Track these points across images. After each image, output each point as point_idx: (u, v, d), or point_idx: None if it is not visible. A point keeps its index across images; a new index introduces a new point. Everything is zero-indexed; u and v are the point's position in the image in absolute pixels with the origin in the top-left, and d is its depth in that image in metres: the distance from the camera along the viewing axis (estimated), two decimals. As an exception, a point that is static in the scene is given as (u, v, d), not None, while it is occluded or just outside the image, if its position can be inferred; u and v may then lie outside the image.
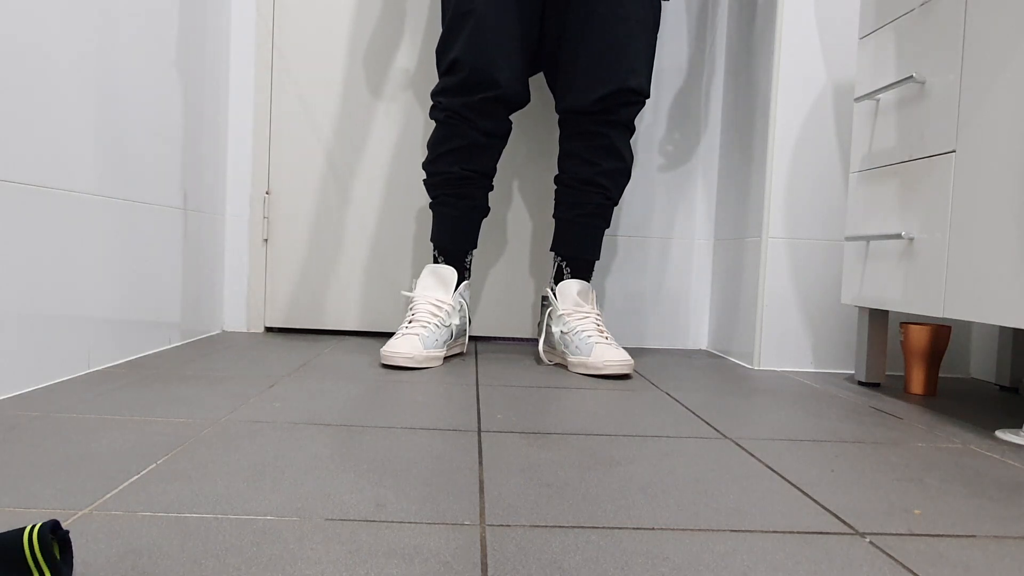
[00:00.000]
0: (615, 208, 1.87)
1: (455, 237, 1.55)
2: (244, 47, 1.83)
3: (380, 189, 1.86)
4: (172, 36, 1.48)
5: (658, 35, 1.51)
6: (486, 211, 1.58)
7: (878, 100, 1.35)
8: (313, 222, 1.86)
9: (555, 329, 1.50)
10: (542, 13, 1.51)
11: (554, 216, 1.59)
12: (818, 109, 1.57)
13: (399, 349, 1.38)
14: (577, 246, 1.56)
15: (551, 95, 1.65)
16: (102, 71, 1.23)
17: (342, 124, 1.85)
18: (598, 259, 1.59)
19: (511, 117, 1.61)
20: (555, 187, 1.58)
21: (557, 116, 1.53)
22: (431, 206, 1.57)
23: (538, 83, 1.76)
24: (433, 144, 1.53)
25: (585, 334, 1.44)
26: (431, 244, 1.72)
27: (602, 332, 1.46)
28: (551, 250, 1.60)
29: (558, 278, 1.58)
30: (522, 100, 1.50)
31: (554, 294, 1.53)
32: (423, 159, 1.65)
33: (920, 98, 1.23)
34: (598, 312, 1.51)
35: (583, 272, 1.57)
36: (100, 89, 1.22)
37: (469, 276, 1.60)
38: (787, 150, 1.57)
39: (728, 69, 1.85)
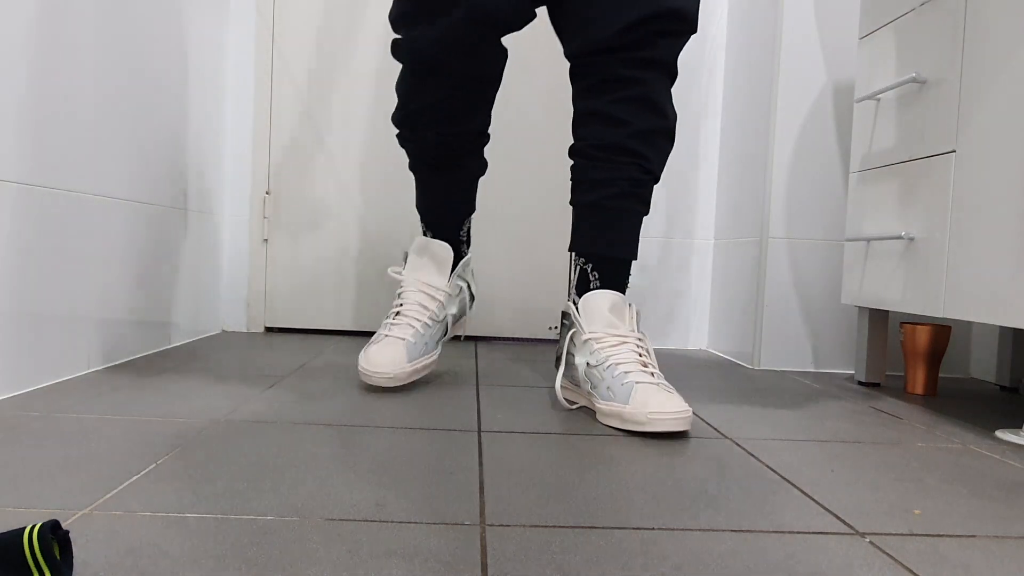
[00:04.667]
0: None
1: (444, 208, 1.24)
2: (244, 47, 1.83)
3: (380, 189, 1.86)
4: (172, 36, 1.48)
5: None
6: (482, 170, 1.25)
7: (878, 100, 1.35)
8: (313, 222, 1.86)
9: (579, 360, 1.07)
10: None
11: (571, 202, 1.17)
12: (818, 109, 1.57)
13: (378, 364, 1.14)
14: (606, 241, 1.13)
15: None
16: (102, 72, 1.23)
17: (342, 124, 1.85)
18: (635, 259, 1.17)
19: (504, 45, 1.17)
20: (571, 162, 1.17)
21: (569, 65, 1.15)
22: (410, 167, 1.25)
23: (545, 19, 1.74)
24: (401, 91, 1.16)
25: (621, 369, 1.02)
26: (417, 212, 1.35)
27: (646, 367, 1.04)
28: (570, 249, 1.17)
29: (582, 287, 1.14)
30: (522, 14, 1.09)
31: (577, 310, 1.10)
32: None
33: (920, 98, 1.23)
34: (640, 336, 1.08)
35: (616, 277, 1.14)
36: (100, 90, 1.22)
37: (468, 247, 1.30)
38: (787, 150, 1.57)
39: (728, 69, 1.85)
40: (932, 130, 1.19)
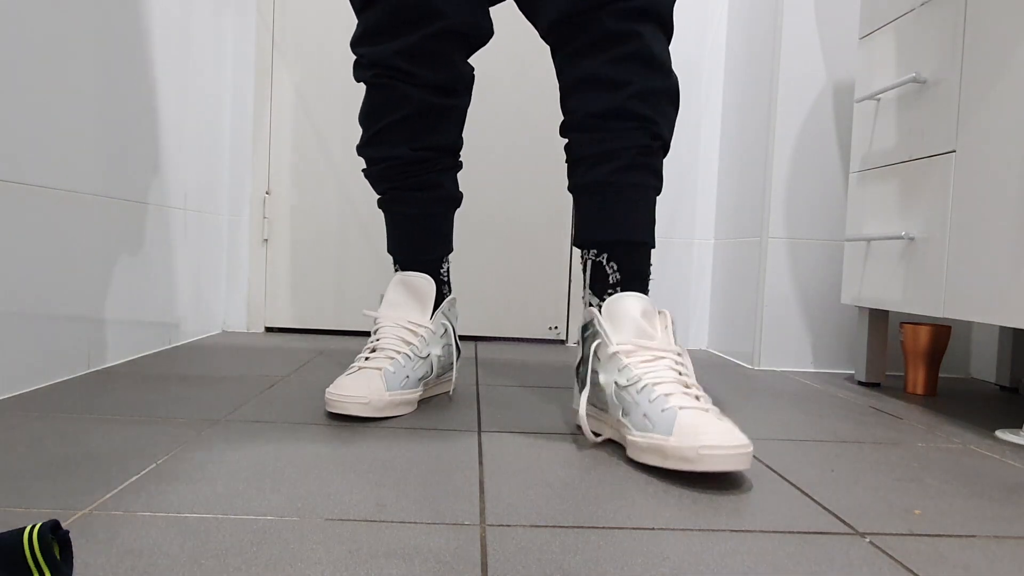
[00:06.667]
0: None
1: (420, 244, 1.10)
2: (244, 47, 1.83)
3: (380, 189, 1.86)
4: (172, 36, 1.48)
5: None
6: (458, 199, 1.13)
7: (878, 100, 1.35)
8: (313, 222, 1.86)
9: (604, 379, 0.88)
10: None
11: (570, 188, 1.01)
12: (818, 109, 1.57)
13: (350, 390, 0.95)
14: (619, 223, 0.94)
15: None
16: (102, 72, 1.23)
17: (342, 124, 1.85)
18: (654, 246, 0.98)
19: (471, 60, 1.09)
20: (565, 140, 1.05)
21: (551, 41, 1.00)
22: (380, 204, 1.12)
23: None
24: (366, 117, 1.07)
25: (660, 391, 0.82)
26: (390, 256, 1.25)
27: (689, 389, 0.84)
28: (576, 243, 1.00)
29: (599, 286, 0.96)
30: (482, 32, 1.04)
31: (600, 315, 0.91)
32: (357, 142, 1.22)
33: (920, 98, 1.23)
34: (679, 350, 0.89)
35: (636, 269, 0.95)
36: (101, 90, 1.22)
37: (449, 290, 1.15)
38: (787, 150, 1.57)
39: (728, 69, 1.85)
40: (932, 130, 1.19)
